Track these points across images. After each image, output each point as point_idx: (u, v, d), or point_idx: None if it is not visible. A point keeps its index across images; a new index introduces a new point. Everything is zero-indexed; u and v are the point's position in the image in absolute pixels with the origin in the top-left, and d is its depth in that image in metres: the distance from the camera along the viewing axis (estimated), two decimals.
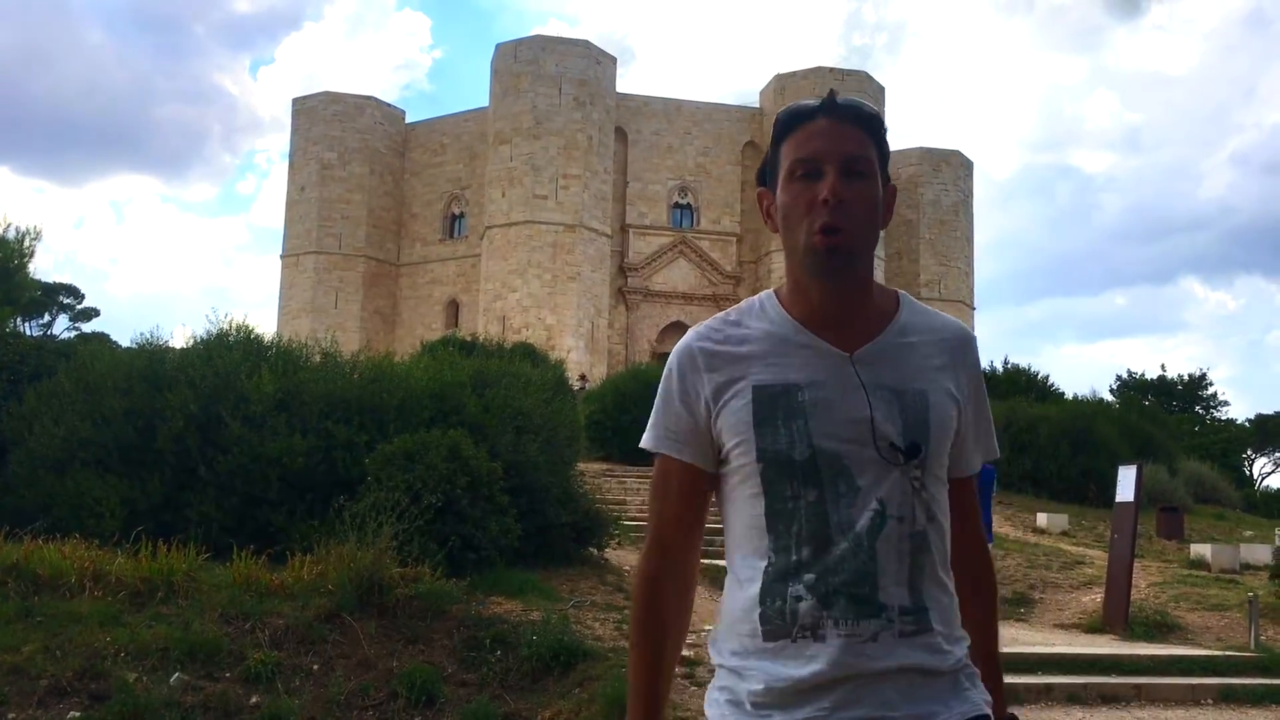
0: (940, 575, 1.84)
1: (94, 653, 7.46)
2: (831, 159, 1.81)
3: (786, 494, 1.79)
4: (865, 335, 1.86)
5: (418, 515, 9.63)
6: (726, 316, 1.94)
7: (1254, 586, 14.10)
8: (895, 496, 1.78)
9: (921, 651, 1.77)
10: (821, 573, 1.76)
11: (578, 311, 56.61)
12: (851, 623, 1.74)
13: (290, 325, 55.25)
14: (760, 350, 1.86)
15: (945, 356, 1.90)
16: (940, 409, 1.84)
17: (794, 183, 1.84)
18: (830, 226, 1.79)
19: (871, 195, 1.84)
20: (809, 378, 1.81)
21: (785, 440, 1.78)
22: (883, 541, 1.77)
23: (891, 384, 1.82)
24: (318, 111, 65.58)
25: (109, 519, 10.27)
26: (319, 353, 13.72)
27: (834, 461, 1.77)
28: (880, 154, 1.88)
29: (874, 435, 1.78)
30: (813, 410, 1.79)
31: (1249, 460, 58.67)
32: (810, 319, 1.86)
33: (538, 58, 58.32)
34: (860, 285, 1.87)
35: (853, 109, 1.87)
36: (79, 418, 11.51)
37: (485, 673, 8.17)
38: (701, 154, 63.38)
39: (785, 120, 1.90)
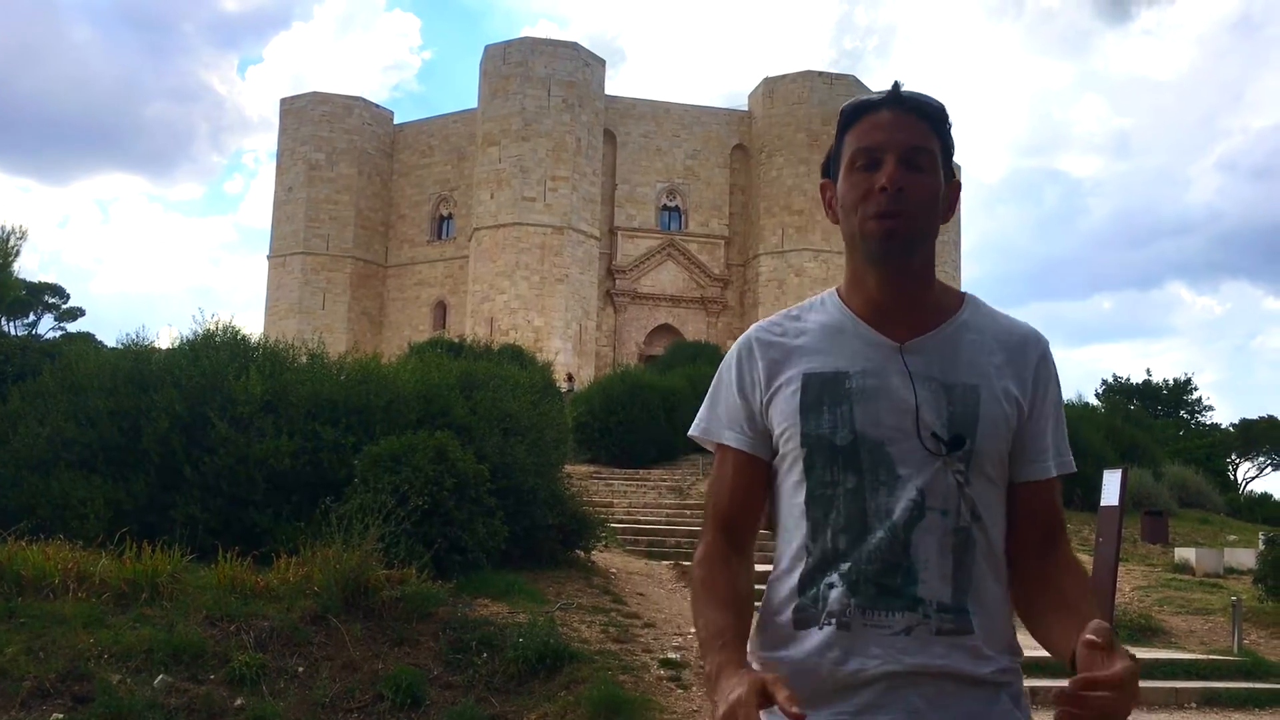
0: (988, 578, 1.79)
1: (77, 654, 7.42)
2: (891, 149, 1.81)
3: (827, 479, 1.79)
4: (920, 328, 1.85)
5: (404, 517, 9.61)
6: (789, 311, 1.97)
7: (1238, 590, 14.17)
8: (938, 489, 1.76)
9: (959, 653, 1.73)
10: (856, 561, 1.75)
11: (566, 314, 56.60)
12: (880, 613, 1.72)
13: (277, 326, 55.07)
14: (814, 341, 1.88)
15: (1006, 355, 1.87)
16: (992, 406, 1.81)
17: (854, 173, 1.84)
18: (886, 212, 1.79)
19: (931, 186, 1.83)
20: (858, 366, 1.82)
21: (829, 425, 1.80)
22: (921, 533, 1.75)
23: (941, 376, 1.81)
24: (306, 112, 65.43)
25: (93, 520, 10.22)
26: (306, 354, 13.69)
27: (876, 448, 1.77)
28: (944, 148, 1.87)
29: (918, 425, 1.77)
30: (858, 397, 1.80)
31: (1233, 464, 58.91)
32: (866, 310, 1.87)
33: (526, 59, 58.31)
34: (918, 277, 1.87)
35: (916, 101, 1.86)
36: (64, 418, 11.46)
37: (471, 675, 8.15)
38: (690, 157, 63.44)
39: (849, 112, 1.90)
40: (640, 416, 27.32)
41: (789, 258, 60.04)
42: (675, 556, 16.05)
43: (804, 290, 59.01)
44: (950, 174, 1.88)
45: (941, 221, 1.89)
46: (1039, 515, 1.90)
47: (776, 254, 60.38)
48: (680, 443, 28.60)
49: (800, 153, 60.23)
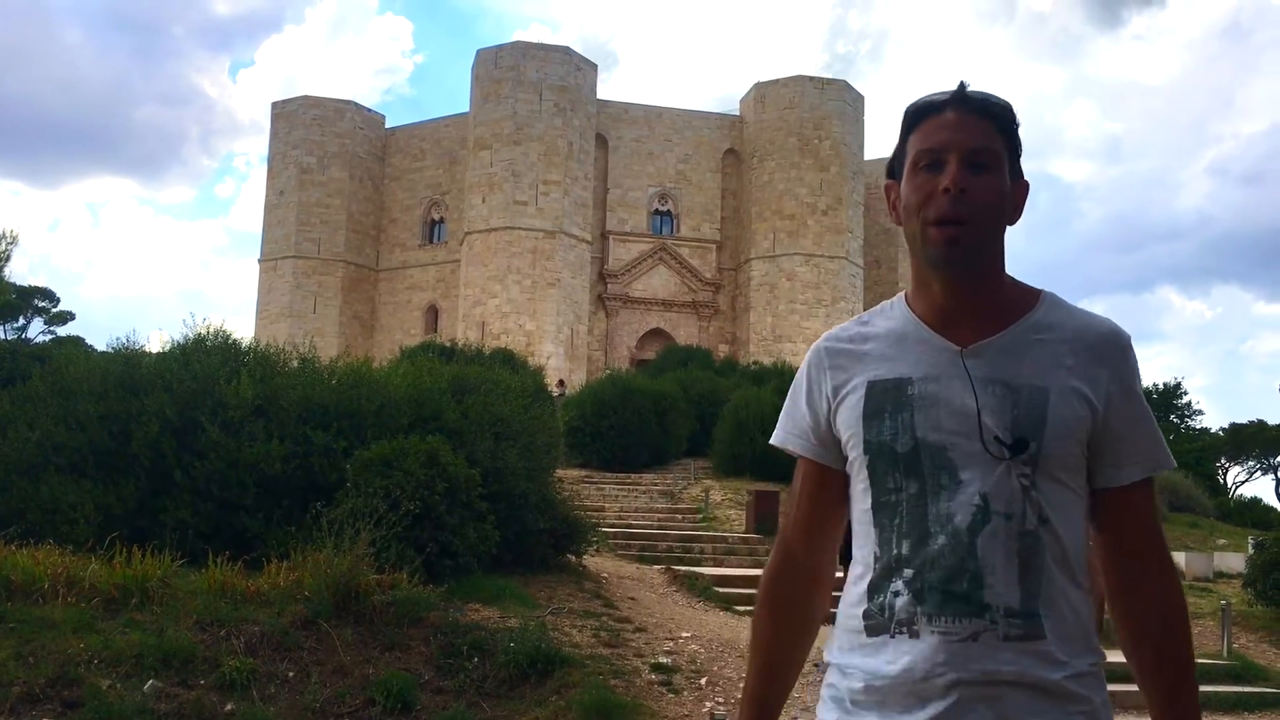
0: (1061, 582, 1.75)
1: (67, 660, 7.40)
2: (955, 149, 1.79)
3: (889, 486, 1.80)
4: (986, 330, 1.82)
5: (395, 522, 9.60)
6: (860, 317, 1.97)
7: (1227, 594, 14.21)
8: (1002, 493, 1.74)
9: (1029, 659, 1.70)
10: (919, 568, 1.74)
11: (557, 318, 56.61)
12: (947, 620, 1.71)
13: (268, 330, 54.99)
14: (880, 347, 1.87)
15: (1080, 356, 1.80)
16: (1062, 408, 1.76)
17: (917, 174, 1.82)
18: (948, 217, 1.77)
19: (996, 187, 1.80)
20: (920, 372, 1.82)
21: (890, 432, 1.80)
22: (987, 538, 1.72)
23: (1005, 379, 1.78)
24: (297, 115, 65.38)
25: (83, 525, 10.19)
26: (297, 358, 13.66)
27: (937, 454, 1.76)
28: (1010, 148, 1.84)
29: (980, 428, 1.75)
30: (920, 403, 1.79)
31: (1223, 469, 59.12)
32: (931, 314, 1.86)
33: (518, 64, 58.36)
34: (984, 279, 1.84)
35: (981, 101, 1.84)
36: (54, 422, 11.42)
37: (462, 680, 8.14)
38: (682, 161, 63.53)
39: (913, 113, 1.87)
40: (632, 421, 27.32)
41: (780, 262, 60.11)
42: (667, 560, 16.05)
43: (795, 294, 59.14)
44: (1018, 173, 1.86)
45: (1010, 222, 1.86)
46: (1123, 523, 1.85)
47: (768, 258, 60.46)
48: (671, 447, 28.64)
49: (791, 157, 60.35)
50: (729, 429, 26.63)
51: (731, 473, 25.74)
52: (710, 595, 13.52)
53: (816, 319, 58.71)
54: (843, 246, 60.30)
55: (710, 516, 21.66)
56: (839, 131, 60.61)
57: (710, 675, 8.73)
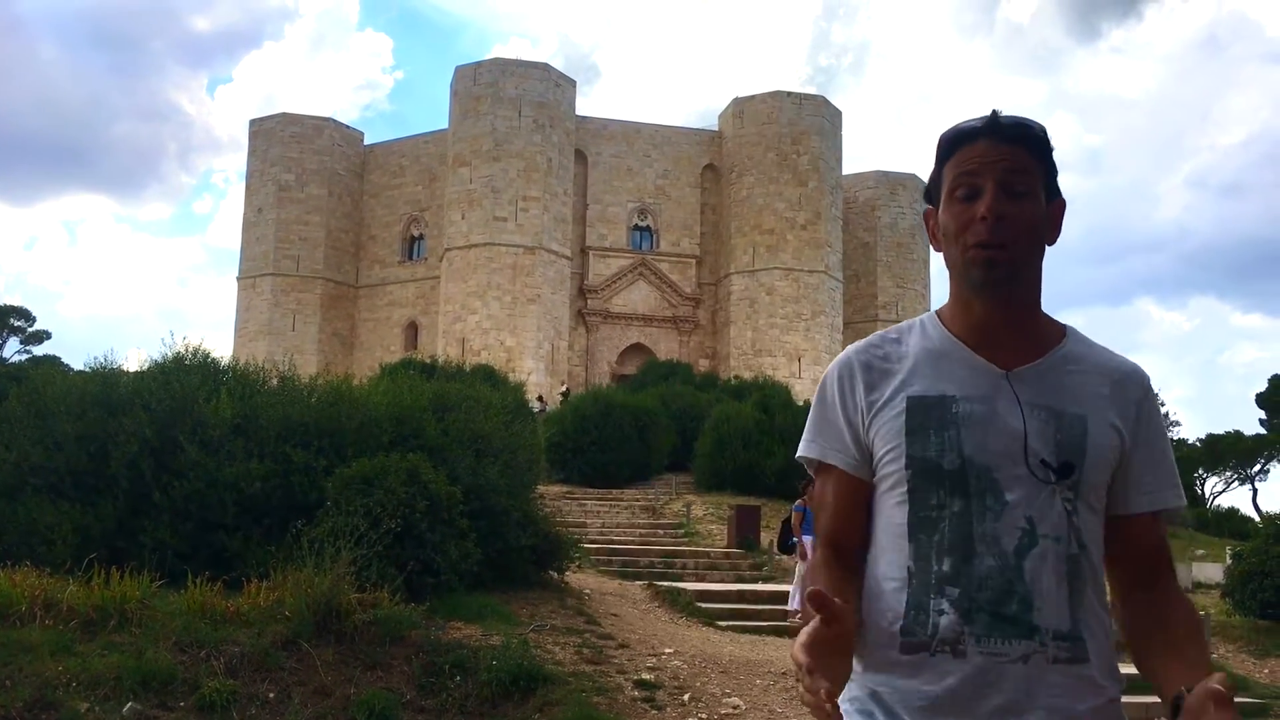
0: (1096, 606, 1.80)
1: (45, 682, 7.33)
2: (990, 176, 1.82)
3: (932, 502, 1.79)
4: (1027, 356, 1.86)
5: (376, 540, 9.57)
6: (887, 334, 1.97)
7: (1206, 605, 14.29)
8: (1048, 516, 1.76)
9: (1075, 682, 1.73)
10: (966, 587, 1.74)
11: (538, 334, 56.57)
12: (996, 641, 1.71)
13: (247, 348, 54.74)
14: (917, 364, 1.88)
15: (1111, 388, 1.87)
16: (1099, 436, 1.82)
17: (955, 202, 1.85)
18: (987, 243, 1.80)
19: (1033, 213, 1.83)
20: (964, 391, 1.83)
21: (936, 448, 1.80)
22: (1035, 560, 1.75)
23: (1049, 404, 1.81)
24: (275, 133, 65.25)
25: (61, 546, 10.11)
26: (277, 376, 13.61)
27: (984, 474, 1.77)
28: (1046, 171, 1.87)
29: (1026, 451, 1.78)
30: (966, 422, 1.80)
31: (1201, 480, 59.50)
32: (970, 336, 1.87)
33: (497, 80, 58.45)
34: (1023, 304, 1.88)
35: (1015, 128, 1.86)
36: (30, 443, 11.34)
37: (444, 698, 8.11)
38: (661, 176, 63.71)
39: (948, 141, 1.90)
40: (613, 436, 27.33)
41: (760, 276, 60.29)
42: (649, 576, 16.04)
43: (775, 309, 59.32)
44: (1055, 192, 1.90)
45: (1050, 243, 1.90)
46: (1146, 549, 1.91)
47: (748, 273, 60.63)
48: (653, 462, 28.65)
49: (770, 172, 60.60)
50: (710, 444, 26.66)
51: (713, 487, 25.75)
52: (692, 611, 13.51)
53: (796, 333, 58.91)
54: (822, 261, 60.53)
55: (692, 531, 21.66)
56: (817, 146, 60.92)
57: (693, 691, 8.72)
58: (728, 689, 8.93)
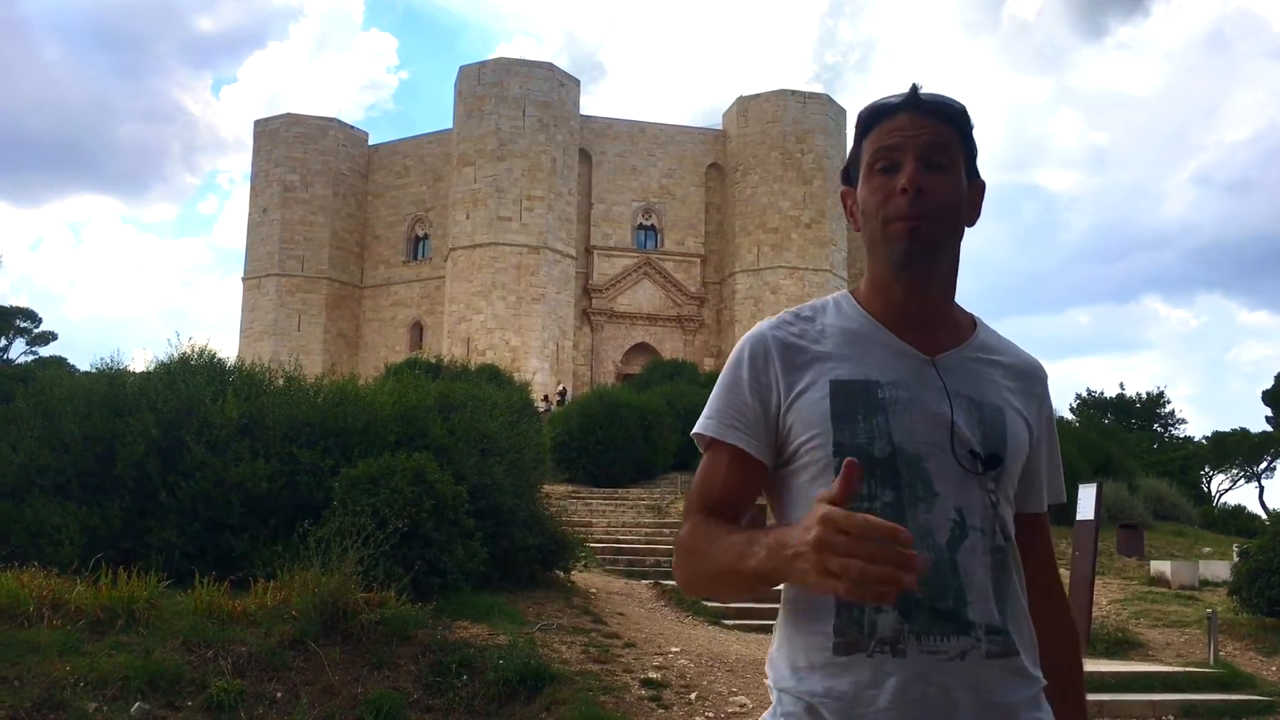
0: (1021, 598, 1.75)
1: (53, 682, 7.34)
2: (911, 149, 1.76)
3: (862, 493, 1.67)
4: (947, 343, 1.81)
5: (383, 540, 9.57)
6: (799, 312, 1.87)
7: (1213, 603, 14.28)
8: (976, 507, 1.71)
9: (1010, 675, 1.68)
10: None
11: (542, 333, 56.60)
12: (935, 638, 1.64)
13: (252, 348, 54.84)
14: (837, 346, 1.79)
15: (1020, 382, 1.85)
16: (1015, 427, 1.78)
17: (874, 176, 1.79)
18: (908, 214, 1.73)
19: (953, 188, 1.78)
20: (889, 376, 1.75)
21: (865, 435, 1.71)
22: (966, 554, 1.68)
23: (970, 394, 1.77)
24: (280, 133, 65.35)
25: (68, 546, 10.12)
26: (283, 376, 13.63)
27: (914, 463, 1.70)
28: (966, 149, 1.82)
29: (953, 440, 1.72)
30: (893, 408, 1.72)
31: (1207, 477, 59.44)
32: (890, 318, 1.80)
33: (501, 80, 58.49)
34: (942, 286, 1.82)
35: (936, 103, 1.80)
36: (37, 444, 11.36)
37: (451, 698, 8.12)
38: (665, 176, 63.72)
39: (867, 116, 1.84)
40: (618, 436, 27.33)
41: (765, 275, 60.30)
42: (655, 575, 16.04)
43: (780, 307, 58.87)
44: (974, 173, 1.85)
45: (968, 224, 1.83)
46: (1044, 547, 1.90)
47: (752, 271, 60.64)
48: (658, 461, 28.65)
49: (774, 170, 60.60)
50: None
51: None
52: (698, 610, 13.51)
53: None
54: (827, 259, 60.52)
55: None
56: (821, 144, 60.91)
57: (700, 690, 8.72)
58: (734, 688, 8.94)
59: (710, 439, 1.81)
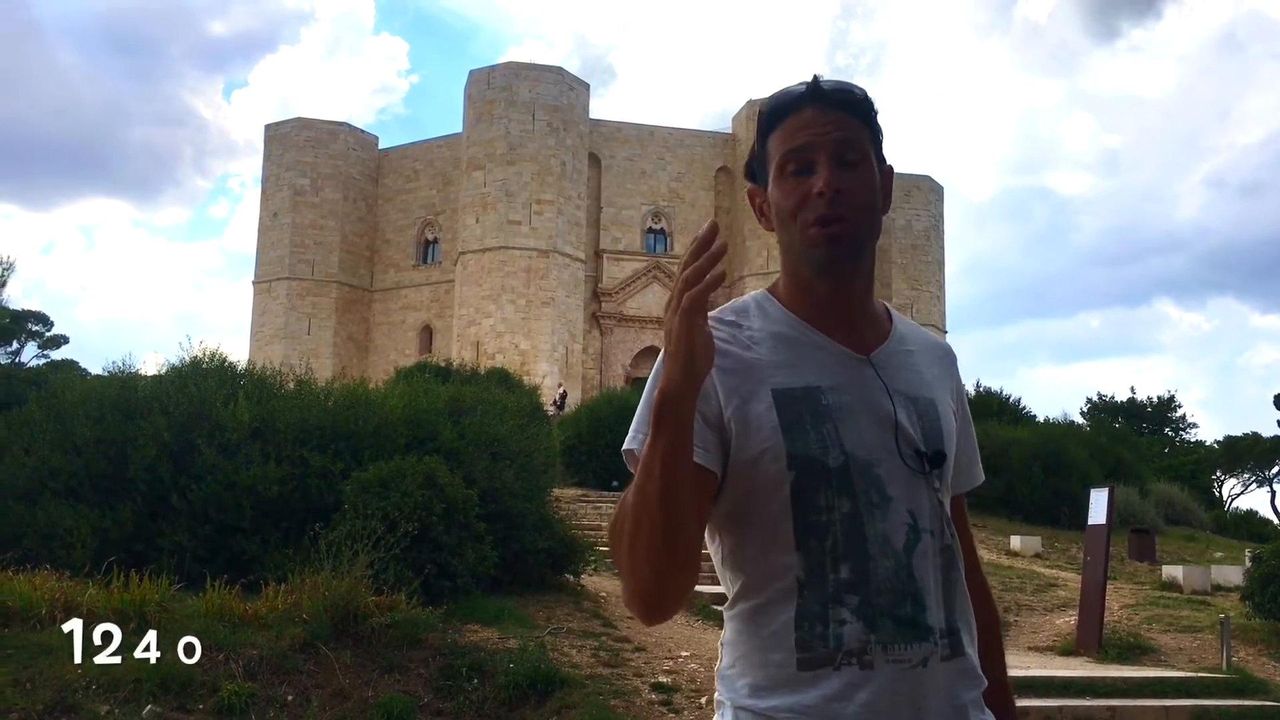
0: (966, 595, 1.74)
1: (65, 685, 7.37)
2: (822, 149, 1.70)
3: (820, 505, 1.63)
4: (875, 338, 1.77)
5: (393, 543, 9.59)
6: (721, 316, 1.78)
7: (1225, 608, 14.21)
8: (924, 508, 1.67)
9: (961, 676, 1.67)
10: (866, 593, 1.61)
11: (552, 337, 56.62)
12: (901, 647, 1.61)
13: (263, 352, 54.96)
14: (771, 352, 1.72)
15: (939, 366, 1.83)
16: (948, 420, 1.77)
17: (785, 179, 1.73)
18: (828, 218, 1.68)
19: (868, 182, 1.73)
20: (829, 380, 1.69)
21: (818, 446, 1.64)
22: (919, 557, 1.65)
23: (906, 390, 1.74)
24: (290, 137, 65.52)
25: (80, 549, 10.15)
26: (293, 380, 13.67)
27: (866, 469, 1.65)
28: (873, 136, 1.77)
29: (898, 441, 1.68)
30: (839, 414, 1.67)
31: (1219, 482, 59.25)
32: (816, 318, 1.75)
33: (511, 84, 58.56)
34: (865, 281, 1.78)
35: (839, 94, 1.75)
36: (50, 447, 11.40)
37: (462, 701, 8.12)
38: (675, 179, 63.74)
39: (769, 113, 1.78)
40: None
41: (774, 278, 60.01)
42: None
43: None
44: (882, 160, 1.80)
45: (882, 212, 1.79)
46: (964, 529, 1.86)
47: (762, 275, 60.60)
48: None
49: None
50: None
51: None
52: (708, 614, 13.48)
53: None
54: None
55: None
56: None
57: (710, 694, 8.70)
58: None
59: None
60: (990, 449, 25.24)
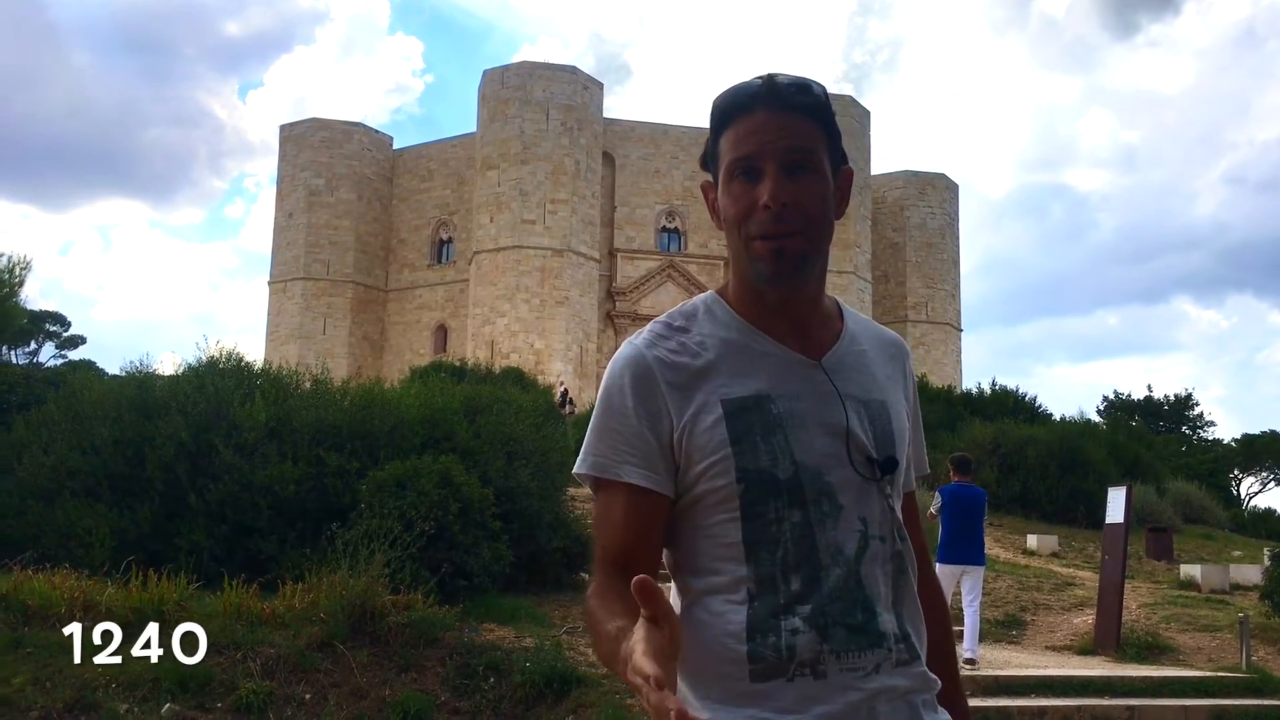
0: (916, 599, 1.72)
1: (84, 684, 7.42)
2: (771, 157, 1.65)
3: (770, 516, 1.61)
4: (825, 341, 1.73)
5: (410, 542, 9.61)
6: (670, 322, 1.74)
7: (1244, 607, 14.12)
8: (874, 514, 1.65)
9: (915, 681, 1.65)
10: (818, 602, 1.59)
11: (566, 336, 56.66)
12: (854, 655, 1.59)
13: (278, 351, 55.14)
14: (719, 359, 1.67)
15: (892, 366, 1.80)
16: (899, 420, 1.74)
17: (734, 183, 1.68)
18: (772, 234, 1.64)
19: (818, 190, 1.68)
20: (779, 388, 1.66)
21: (767, 458, 1.61)
22: (868, 564, 1.63)
23: (857, 394, 1.70)
24: (305, 138, 65.72)
25: (98, 549, 10.21)
26: (310, 380, 13.71)
27: (816, 479, 1.62)
28: (829, 137, 1.73)
29: (849, 448, 1.65)
30: (790, 422, 1.63)
31: (1236, 480, 58.90)
32: (766, 323, 1.71)
33: (525, 84, 58.61)
34: (814, 288, 1.74)
35: (793, 94, 1.69)
36: (68, 447, 11.47)
37: (478, 700, 8.14)
38: (689, 178, 63.63)
39: (721, 111, 1.72)
40: None
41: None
42: None
43: None
44: (839, 160, 1.76)
45: (836, 217, 1.74)
46: (915, 525, 1.84)
47: None
48: None
49: None
50: None
51: None
52: None
53: None
54: (850, 261, 60.35)
55: None
56: (845, 146, 60.68)
57: None
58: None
59: (598, 479, 1.67)
60: (1007, 447, 25.15)
